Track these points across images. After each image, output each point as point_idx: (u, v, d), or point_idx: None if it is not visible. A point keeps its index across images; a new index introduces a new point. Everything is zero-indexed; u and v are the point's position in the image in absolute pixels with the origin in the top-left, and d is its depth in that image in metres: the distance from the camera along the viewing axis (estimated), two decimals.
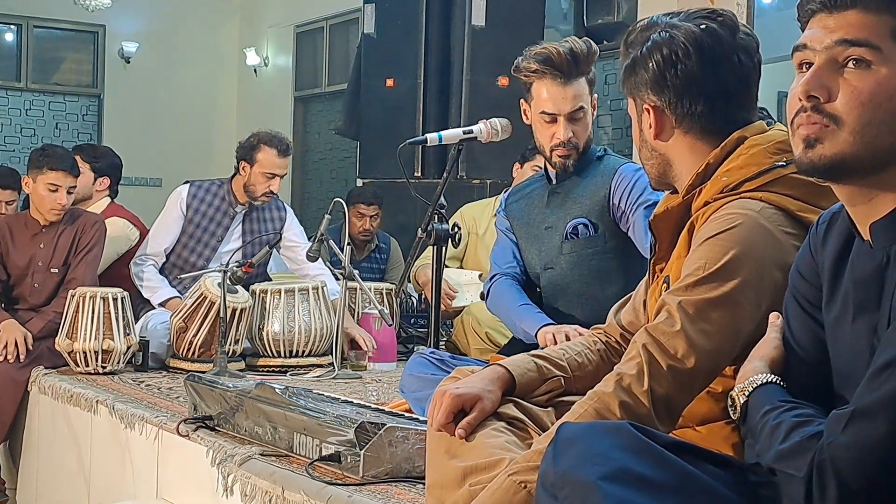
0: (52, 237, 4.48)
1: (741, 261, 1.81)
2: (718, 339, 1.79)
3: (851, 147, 1.43)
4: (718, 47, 1.96)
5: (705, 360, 1.78)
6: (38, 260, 4.48)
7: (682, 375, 1.77)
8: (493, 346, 4.18)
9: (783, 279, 1.79)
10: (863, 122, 1.43)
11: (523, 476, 1.69)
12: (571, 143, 3.19)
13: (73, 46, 11.85)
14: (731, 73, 1.97)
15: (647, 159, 2.09)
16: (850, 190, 1.49)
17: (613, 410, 1.75)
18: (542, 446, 1.72)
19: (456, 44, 6.46)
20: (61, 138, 11.38)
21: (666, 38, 1.97)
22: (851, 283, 1.51)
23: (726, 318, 1.80)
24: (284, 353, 4.34)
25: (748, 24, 6.02)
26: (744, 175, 1.91)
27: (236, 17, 12.26)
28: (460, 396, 1.92)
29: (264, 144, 4.71)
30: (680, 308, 1.80)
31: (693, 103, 1.98)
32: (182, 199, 4.81)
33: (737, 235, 1.83)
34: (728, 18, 2.00)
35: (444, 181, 3.44)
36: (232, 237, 4.84)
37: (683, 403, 1.81)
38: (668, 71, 1.97)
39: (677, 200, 2.01)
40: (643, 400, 1.75)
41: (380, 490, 2.35)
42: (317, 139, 11.28)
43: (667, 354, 1.78)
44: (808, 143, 1.46)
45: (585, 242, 3.21)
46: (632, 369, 1.78)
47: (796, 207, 1.87)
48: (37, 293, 4.48)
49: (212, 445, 2.89)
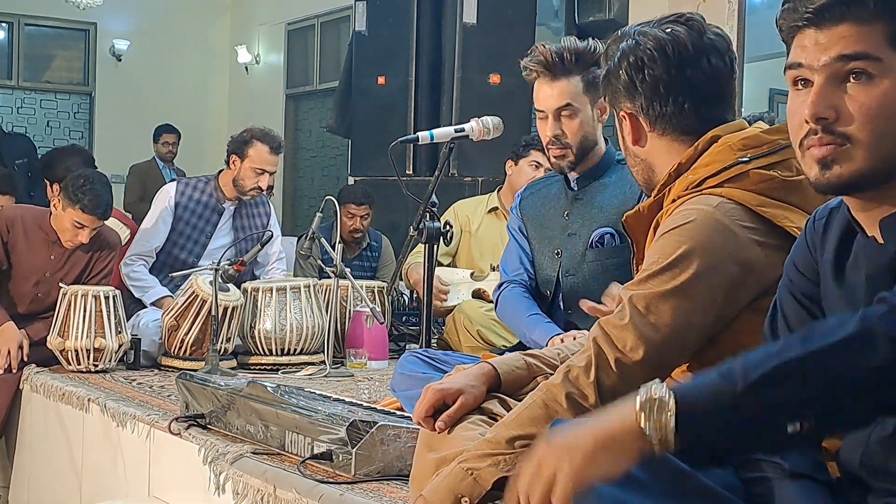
0: (66, 252, 4.36)
1: (694, 255, 1.83)
2: (667, 332, 1.81)
3: (868, 162, 1.43)
4: (684, 50, 1.99)
5: (653, 353, 1.81)
6: (46, 270, 4.36)
7: (628, 368, 1.80)
8: (484, 343, 4.18)
9: (740, 273, 1.82)
10: (876, 136, 1.42)
11: (470, 463, 1.76)
12: (562, 142, 3.19)
13: (64, 44, 11.83)
14: (700, 74, 2.01)
15: (633, 166, 2.14)
16: (862, 199, 1.49)
17: (560, 402, 1.79)
18: (491, 435, 1.79)
19: (447, 42, 6.46)
20: (53, 136, 11.37)
21: (632, 46, 2.03)
22: (863, 279, 1.50)
23: (677, 311, 1.82)
24: (276, 352, 4.34)
25: (739, 23, 6.05)
26: (707, 172, 1.94)
27: (227, 14, 12.25)
28: (442, 391, 1.97)
29: (256, 140, 4.72)
30: (630, 302, 1.83)
31: (663, 105, 2.02)
32: (170, 196, 4.81)
33: (690, 230, 1.85)
34: (696, 21, 2.04)
35: (436, 179, 3.44)
36: (221, 233, 4.85)
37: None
38: (637, 76, 2.02)
39: (650, 200, 2.04)
40: (588, 391, 1.79)
41: (371, 488, 2.36)
42: (308, 137, 11.27)
43: (614, 347, 1.81)
44: (823, 164, 1.45)
45: (611, 252, 3.20)
46: (581, 361, 1.82)
47: (756, 202, 1.88)
48: (38, 301, 4.40)
49: (203, 444, 2.90)
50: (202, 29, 12.09)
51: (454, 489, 1.76)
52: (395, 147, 3.46)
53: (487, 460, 1.76)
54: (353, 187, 6.53)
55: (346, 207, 5.97)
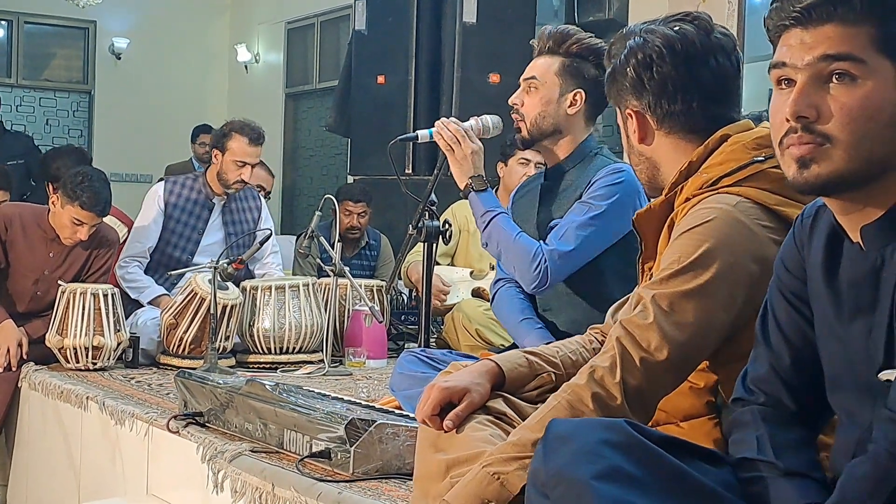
0: (65, 249, 4.38)
1: (715, 254, 1.83)
2: (691, 332, 1.81)
3: (847, 163, 1.42)
4: (692, 48, 2.00)
5: (678, 353, 1.80)
6: (45, 268, 4.38)
7: (654, 368, 1.79)
8: (483, 342, 4.18)
9: (760, 272, 1.81)
10: (856, 137, 1.42)
11: (497, 467, 1.71)
12: (518, 112, 3.20)
13: (63, 43, 11.82)
14: (707, 73, 2.01)
15: (637, 164, 2.13)
16: (843, 201, 1.49)
17: (586, 402, 1.77)
18: (515, 438, 1.75)
19: (447, 41, 6.46)
20: (52, 135, 11.36)
21: (640, 43, 2.02)
22: (845, 284, 1.51)
23: (700, 310, 1.81)
24: (275, 350, 4.34)
25: (739, 23, 6.05)
26: (722, 171, 1.93)
27: (227, 13, 12.25)
28: (448, 389, 1.94)
29: (236, 133, 4.75)
30: (653, 301, 1.82)
31: (671, 103, 2.02)
32: (159, 196, 4.81)
33: (711, 229, 1.85)
34: (703, 20, 2.04)
35: (435, 178, 3.44)
36: (213, 229, 4.86)
37: (657, 395, 1.83)
38: (645, 74, 2.02)
39: (661, 199, 2.03)
40: (615, 392, 1.77)
41: (370, 487, 2.36)
42: (307, 136, 11.27)
43: (639, 347, 1.80)
44: (801, 163, 1.45)
45: None
46: (605, 361, 1.81)
47: (774, 202, 1.88)
48: (37, 300, 4.41)
49: (202, 442, 2.90)
50: (202, 28, 12.08)
51: (480, 494, 1.70)
52: (395, 146, 3.46)
53: (514, 464, 1.70)
54: (351, 185, 6.54)
55: (343, 205, 5.96)
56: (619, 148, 6.52)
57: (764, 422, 1.61)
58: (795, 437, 1.59)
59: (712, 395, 1.92)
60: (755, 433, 1.60)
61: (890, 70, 1.42)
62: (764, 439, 1.58)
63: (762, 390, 1.65)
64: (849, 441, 1.50)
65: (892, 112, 1.41)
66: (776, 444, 1.57)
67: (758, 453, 1.57)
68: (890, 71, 1.42)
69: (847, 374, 1.50)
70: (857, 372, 1.47)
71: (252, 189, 5.05)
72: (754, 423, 1.62)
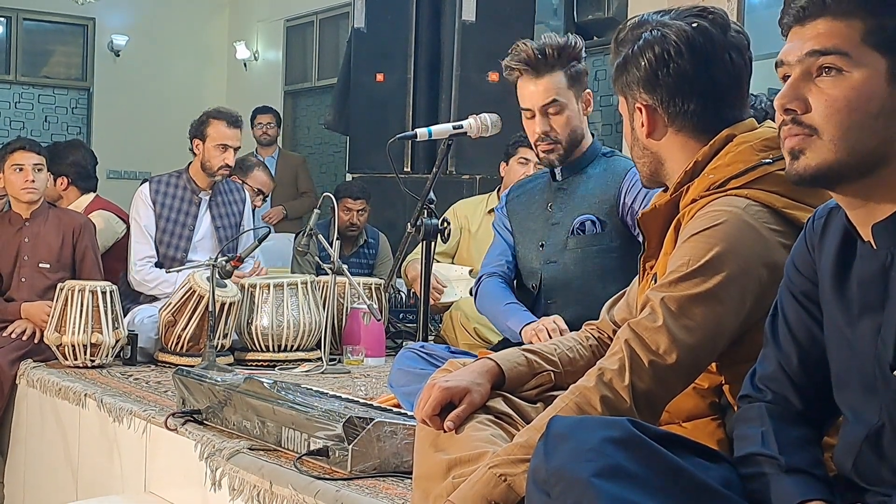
0: (36, 231, 4.52)
1: (725, 257, 1.82)
2: (700, 335, 1.80)
3: (834, 154, 1.44)
4: (710, 46, 1.96)
5: (687, 356, 1.79)
6: (24, 254, 4.51)
7: (663, 371, 1.78)
8: (481, 341, 4.18)
9: (768, 276, 1.80)
10: (841, 128, 1.43)
11: (504, 469, 1.69)
12: (551, 137, 3.21)
13: (62, 39, 11.81)
14: (723, 72, 1.97)
15: (639, 157, 2.09)
16: (846, 194, 1.49)
17: (595, 405, 1.75)
18: (523, 439, 1.73)
19: (446, 39, 6.46)
20: (50, 131, 11.35)
21: (658, 37, 1.97)
22: (855, 283, 1.51)
23: (709, 314, 1.80)
24: (273, 348, 4.34)
25: (738, 22, 6.04)
26: (730, 172, 1.91)
27: (226, 10, 12.24)
28: (449, 389, 1.93)
29: (212, 118, 4.82)
30: (663, 304, 1.81)
31: (686, 102, 1.98)
32: (145, 196, 4.81)
33: (721, 232, 1.83)
34: (719, 16, 1.99)
35: (434, 176, 3.44)
36: (202, 225, 4.85)
37: (665, 399, 1.83)
38: (661, 70, 1.97)
39: (666, 198, 2.01)
40: (624, 395, 1.76)
41: (368, 485, 2.35)
42: (306, 133, 11.26)
43: (648, 350, 1.79)
44: (792, 154, 1.47)
45: (592, 239, 3.23)
46: (614, 364, 1.79)
47: (782, 204, 1.87)
48: (26, 288, 4.47)
49: (200, 439, 2.89)
50: (201, 25, 12.08)
51: (487, 495, 1.68)
52: (394, 144, 3.46)
53: (522, 466, 1.67)
54: (350, 182, 6.54)
55: (342, 202, 5.96)
56: (616, 147, 6.53)
57: (770, 418, 1.61)
58: (800, 434, 1.60)
59: (716, 395, 1.91)
60: (760, 428, 1.60)
61: (881, 62, 1.43)
62: (769, 435, 1.58)
63: (769, 388, 1.65)
64: (854, 439, 1.50)
65: (882, 104, 1.42)
66: (781, 440, 1.57)
67: (762, 447, 1.57)
68: (881, 63, 1.43)
69: (854, 371, 1.51)
70: (865, 370, 1.48)
71: (235, 182, 5.08)
72: (760, 419, 1.62)
